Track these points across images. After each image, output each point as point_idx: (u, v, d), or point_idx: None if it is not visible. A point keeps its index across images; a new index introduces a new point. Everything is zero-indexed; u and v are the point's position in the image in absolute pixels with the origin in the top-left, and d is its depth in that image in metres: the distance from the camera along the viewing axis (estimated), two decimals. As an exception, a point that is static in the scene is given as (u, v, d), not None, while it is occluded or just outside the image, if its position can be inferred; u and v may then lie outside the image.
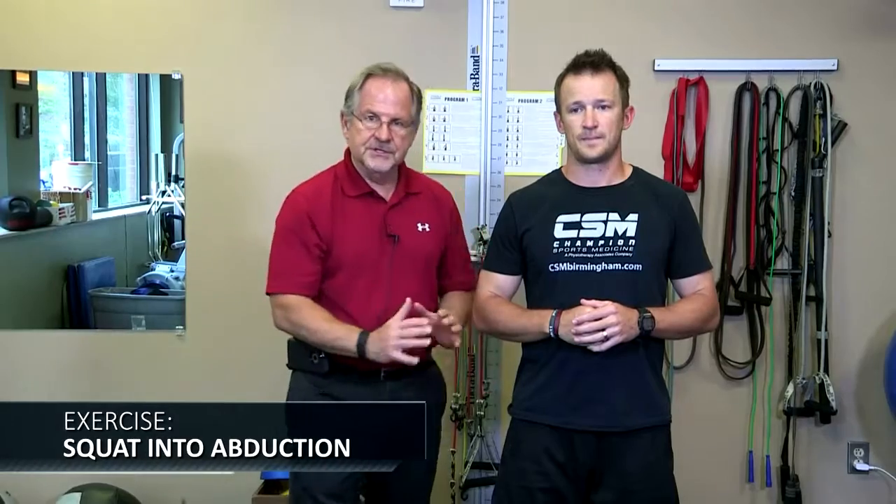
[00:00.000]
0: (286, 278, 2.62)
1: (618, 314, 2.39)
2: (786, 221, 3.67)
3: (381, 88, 2.63)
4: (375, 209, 2.67)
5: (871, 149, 3.65)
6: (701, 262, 2.61)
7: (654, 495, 2.54)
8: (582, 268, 2.49)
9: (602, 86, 2.46)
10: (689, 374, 3.71)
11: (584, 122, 2.46)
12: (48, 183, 4.24)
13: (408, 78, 2.70)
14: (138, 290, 3.96)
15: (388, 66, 2.68)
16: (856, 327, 3.71)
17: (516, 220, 2.59)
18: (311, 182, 2.76)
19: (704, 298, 2.57)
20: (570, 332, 2.42)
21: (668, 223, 2.53)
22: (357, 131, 2.65)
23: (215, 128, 3.70)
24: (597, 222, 2.50)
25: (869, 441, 3.74)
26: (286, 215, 2.70)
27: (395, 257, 2.63)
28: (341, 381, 2.62)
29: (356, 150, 2.67)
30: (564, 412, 2.51)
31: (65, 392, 3.74)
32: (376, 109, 2.62)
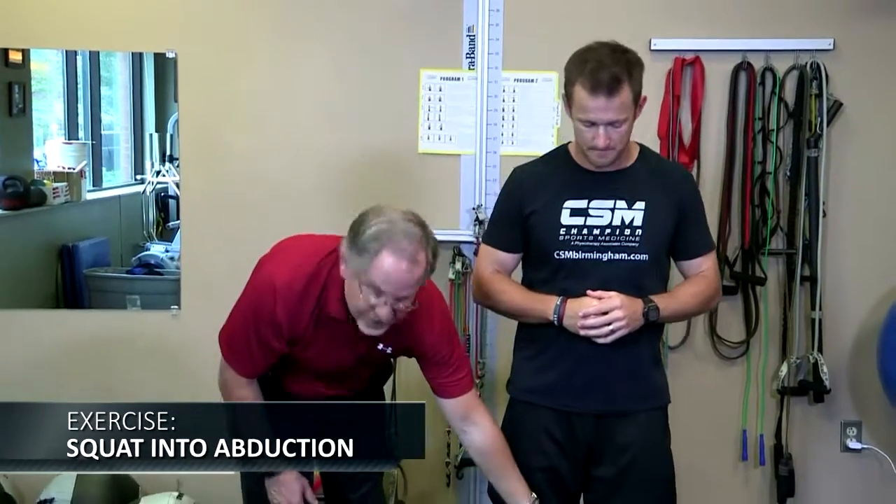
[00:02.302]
0: (236, 358, 2.45)
1: (623, 308, 2.38)
2: (781, 201, 3.66)
3: (396, 271, 2.19)
4: (348, 334, 2.38)
5: (866, 129, 3.64)
6: (704, 244, 2.58)
7: (652, 472, 2.54)
8: (588, 256, 2.46)
9: (617, 107, 2.34)
10: (683, 353, 3.71)
11: (596, 141, 2.37)
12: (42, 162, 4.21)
13: (428, 240, 2.24)
14: (133, 270, 3.94)
15: (409, 231, 2.20)
16: (850, 307, 3.71)
17: (522, 199, 2.53)
18: (296, 283, 2.33)
19: (707, 280, 2.56)
20: (576, 324, 2.41)
21: (674, 208, 2.49)
22: (355, 296, 2.25)
23: (210, 107, 3.67)
24: (604, 210, 2.46)
25: (862, 420, 3.75)
26: (255, 302, 2.37)
27: (354, 364, 2.50)
28: None
29: (350, 307, 2.30)
30: (565, 396, 2.50)
31: (59, 372, 3.73)
32: (383, 288, 2.20)
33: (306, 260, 2.36)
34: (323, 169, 3.64)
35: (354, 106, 3.65)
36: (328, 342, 2.40)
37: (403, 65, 3.64)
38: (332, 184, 3.62)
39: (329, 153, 3.65)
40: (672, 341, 3.69)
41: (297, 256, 2.38)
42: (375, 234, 2.19)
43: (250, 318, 2.37)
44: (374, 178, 3.61)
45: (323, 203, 3.55)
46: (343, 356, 2.44)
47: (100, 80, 4.33)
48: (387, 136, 3.65)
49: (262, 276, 2.38)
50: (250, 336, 2.38)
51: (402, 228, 2.20)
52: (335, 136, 3.65)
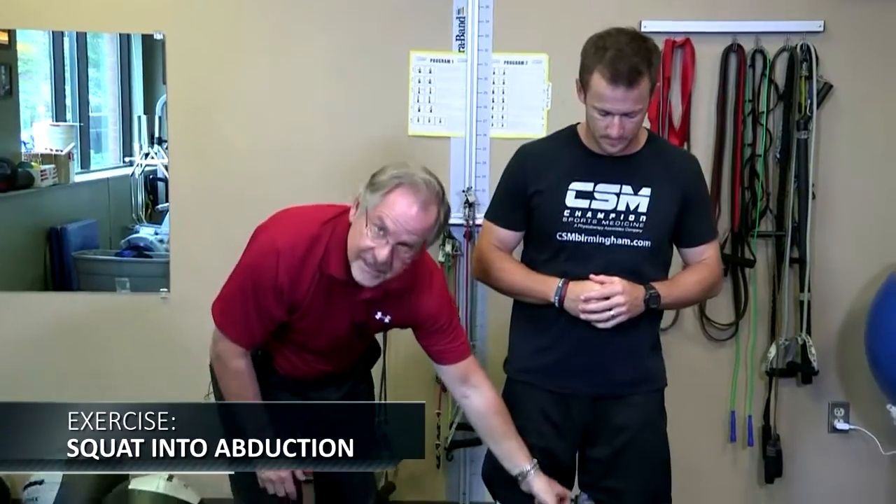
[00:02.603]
0: (232, 326, 2.40)
1: (625, 293, 2.37)
2: (770, 183, 3.66)
3: (408, 206, 2.19)
4: (347, 297, 2.36)
5: (856, 111, 3.63)
6: (708, 232, 2.57)
7: (647, 453, 2.55)
8: (591, 240, 2.45)
9: (635, 98, 2.31)
10: (673, 335, 3.71)
11: (610, 130, 2.34)
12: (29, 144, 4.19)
13: (442, 198, 2.26)
14: (122, 253, 3.93)
15: (427, 179, 2.23)
16: (838, 289, 3.72)
17: (527, 178, 2.50)
18: (300, 245, 2.32)
19: (709, 268, 2.55)
20: (577, 308, 2.40)
21: (679, 196, 2.47)
22: (359, 234, 2.24)
23: (199, 89, 3.65)
24: (609, 194, 2.45)
25: (849, 401, 3.76)
26: (257, 265, 2.35)
27: (349, 333, 2.48)
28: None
29: (350, 249, 2.27)
30: (563, 378, 2.50)
31: (48, 354, 3.73)
32: (389, 225, 2.19)
33: (308, 224, 2.35)
34: (312, 150, 3.63)
35: (344, 88, 3.63)
36: (327, 307, 2.38)
37: (393, 47, 3.62)
38: (322, 165, 3.60)
39: (318, 134, 3.63)
40: (662, 323, 3.62)
41: (299, 221, 2.38)
42: (395, 174, 2.22)
43: (249, 284, 2.35)
44: (364, 160, 3.58)
45: (312, 184, 3.54)
46: (340, 323, 2.42)
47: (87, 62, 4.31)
48: (377, 118, 3.63)
49: (262, 242, 2.36)
50: (248, 303, 2.35)
51: (422, 177, 2.22)
52: (325, 119, 3.64)
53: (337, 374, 2.59)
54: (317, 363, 2.52)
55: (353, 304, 2.37)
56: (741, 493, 3.82)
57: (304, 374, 2.54)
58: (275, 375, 2.55)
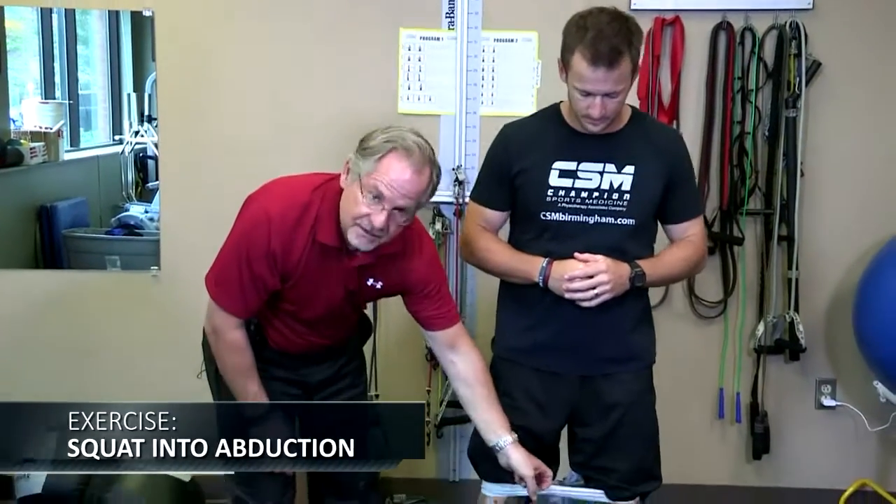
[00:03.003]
0: (227, 296, 2.40)
1: (609, 272, 2.37)
2: (759, 161, 3.65)
3: (402, 171, 2.21)
4: (340, 264, 2.38)
5: (844, 89, 3.63)
6: (692, 209, 2.56)
7: (637, 430, 2.56)
8: (574, 219, 2.44)
9: (616, 79, 2.30)
10: (662, 313, 3.71)
11: (591, 111, 2.34)
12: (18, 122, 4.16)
13: (434, 160, 2.28)
14: (112, 231, 3.92)
15: (419, 142, 2.24)
16: (826, 266, 3.72)
17: (510, 158, 2.50)
18: (291, 212, 2.33)
19: (694, 245, 2.54)
20: (561, 287, 2.40)
21: (664, 173, 2.46)
22: (354, 201, 2.25)
23: (189, 66, 3.63)
24: (593, 173, 2.44)
25: (836, 378, 3.78)
26: (249, 234, 2.35)
27: (342, 302, 2.48)
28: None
29: (344, 216, 2.29)
30: (549, 357, 2.51)
31: (38, 332, 3.73)
32: (384, 191, 2.21)
33: (298, 191, 2.35)
34: (302, 128, 3.62)
35: (333, 66, 3.61)
36: (320, 275, 2.38)
37: (382, 24, 3.60)
38: (312, 143, 3.59)
39: (308, 113, 3.62)
40: (651, 301, 3.68)
41: (289, 189, 2.38)
42: (386, 138, 2.23)
43: (243, 253, 2.34)
44: (354, 138, 3.54)
45: (302, 162, 3.50)
46: (332, 291, 2.42)
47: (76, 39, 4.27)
48: (366, 96, 3.62)
49: (253, 211, 2.36)
50: (243, 272, 2.35)
51: (414, 140, 2.24)
52: (314, 96, 3.62)
53: (329, 348, 2.59)
54: (310, 335, 2.52)
55: (346, 270, 2.38)
56: (729, 468, 3.84)
57: (297, 348, 2.55)
58: (268, 350, 2.55)
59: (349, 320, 2.60)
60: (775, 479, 3.83)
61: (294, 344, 2.54)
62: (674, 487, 3.53)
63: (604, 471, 2.55)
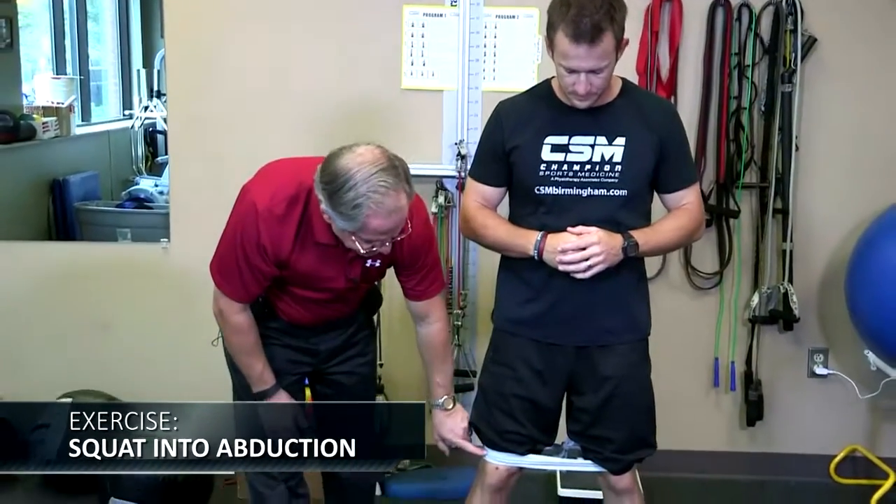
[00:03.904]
0: (229, 284, 2.42)
1: (601, 244, 2.35)
2: (755, 136, 3.65)
3: (385, 222, 2.19)
4: (339, 257, 2.40)
5: (839, 64, 3.61)
6: (686, 178, 2.52)
7: (632, 400, 2.55)
8: (567, 192, 2.43)
9: (599, 56, 2.28)
10: (659, 284, 3.72)
11: (577, 87, 2.32)
12: (31, 97, 4.16)
13: (398, 167, 2.20)
14: (123, 204, 3.93)
15: (386, 183, 2.15)
16: (820, 239, 3.72)
17: (504, 134, 2.49)
18: (277, 206, 2.32)
19: (689, 213, 2.51)
20: (555, 259, 2.39)
21: (655, 143, 2.44)
22: (350, 241, 2.27)
23: (197, 43, 3.62)
24: (584, 146, 2.42)
25: (829, 347, 3.79)
26: (241, 227, 2.35)
27: (347, 286, 2.49)
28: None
29: (346, 244, 2.31)
30: (546, 328, 2.50)
31: (51, 303, 3.75)
32: (374, 240, 2.24)
33: (286, 184, 2.34)
34: (308, 104, 3.61)
35: (338, 42, 3.60)
36: (318, 264, 2.40)
37: (387, 1, 3.59)
38: (317, 118, 3.58)
39: (314, 88, 3.61)
40: (648, 273, 3.64)
41: (278, 181, 2.38)
42: (354, 199, 2.15)
43: (238, 243, 2.37)
44: (359, 114, 3.59)
45: (308, 137, 3.52)
46: (335, 278, 2.44)
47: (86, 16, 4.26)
48: (371, 71, 3.61)
49: (244, 203, 2.37)
50: (240, 261, 2.37)
51: (378, 184, 2.14)
52: (319, 73, 3.61)
53: (338, 320, 2.61)
54: (317, 309, 2.54)
55: (347, 262, 2.41)
56: (724, 435, 3.86)
57: (305, 320, 2.57)
58: (276, 320, 2.57)
59: (356, 296, 2.61)
60: (768, 445, 3.85)
61: (303, 316, 2.56)
62: (670, 453, 3.56)
63: (599, 440, 2.56)
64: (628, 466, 2.59)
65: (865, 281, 3.40)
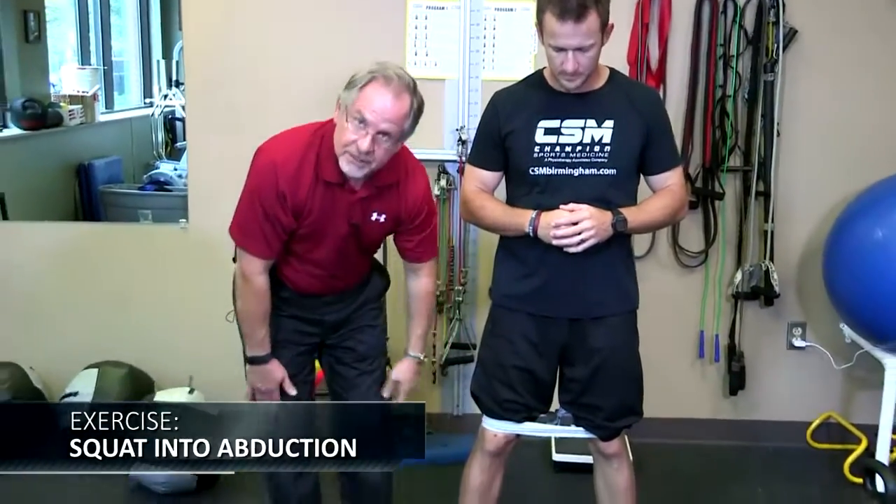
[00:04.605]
0: (251, 240, 2.40)
1: (592, 218, 2.35)
2: (739, 122, 3.63)
3: (381, 96, 2.24)
4: (343, 198, 2.38)
5: (818, 54, 3.59)
6: (671, 160, 2.52)
7: (621, 371, 2.55)
8: (560, 172, 2.43)
9: (586, 30, 2.28)
10: (648, 262, 3.71)
11: (565, 65, 2.32)
12: (57, 86, 4.14)
13: (414, 89, 2.29)
14: (144, 187, 3.92)
15: (399, 73, 2.28)
16: (799, 219, 3.71)
17: (500, 121, 2.49)
18: (293, 155, 2.36)
19: (673, 193, 2.51)
20: (549, 234, 2.38)
21: (642, 126, 2.44)
22: (343, 129, 2.29)
23: (212, 35, 3.61)
24: (575, 129, 2.42)
25: (806, 321, 3.78)
26: (260, 186, 2.36)
27: (348, 237, 2.46)
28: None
29: (336, 147, 2.32)
30: (542, 303, 2.49)
31: (77, 280, 3.75)
32: (367, 116, 2.23)
33: (299, 136, 2.39)
34: (317, 91, 3.57)
35: (347, 34, 3.57)
36: (327, 211, 2.39)
37: (392, -5, 3.56)
38: (326, 104, 3.50)
39: (323, 78, 3.57)
40: (638, 251, 3.68)
41: (290, 136, 2.42)
42: (369, 70, 2.27)
43: (257, 198, 2.36)
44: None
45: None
46: (339, 227, 2.42)
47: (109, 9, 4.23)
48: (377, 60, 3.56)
49: (261, 161, 2.38)
50: (259, 215, 2.36)
51: (394, 70, 2.28)
52: (329, 63, 3.57)
53: (343, 293, 2.57)
54: (323, 275, 2.50)
55: (350, 204, 2.39)
56: (708, 404, 3.85)
57: (312, 288, 2.53)
58: (285, 289, 2.54)
59: (359, 265, 2.58)
60: (750, 413, 3.84)
61: (310, 284, 2.52)
62: (658, 420, 3.58)
63: (589, 408, 2.55)
64: (616, 433, 2.59)
65: (841, 259, 3.38)
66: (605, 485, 2.66)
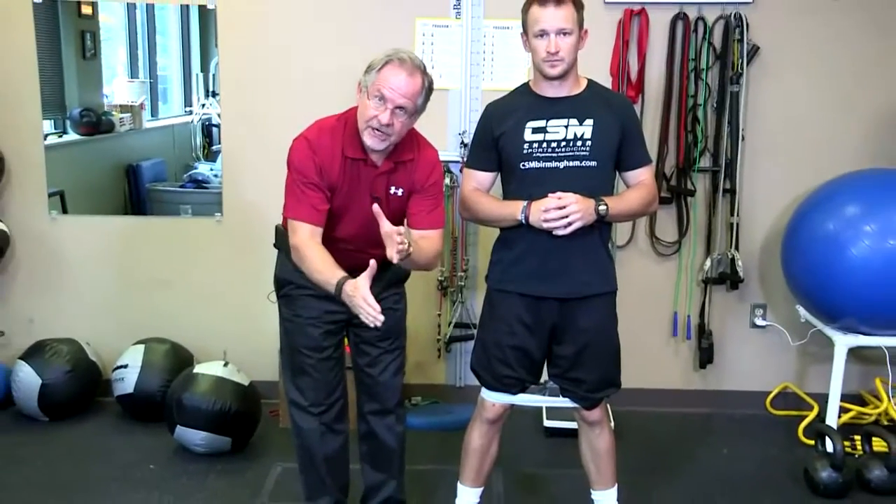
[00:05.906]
0: (299, 208, 2.36)
1: (578, 203, 2.35)
2: (708, 128, 3.61)
3: (397, 75, 2.28)
4: (366, 173, 2.39)
5: (778, 68, 3.58)
6: (643, 158, 2.54)
7: (604, 348, 2.55)
8: (547, 165, 2.42)
9: (564, 16, 2.34)
10: (629, 251, 3.69)
11: (548, 48, 2.35)
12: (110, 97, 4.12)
13: (425, 70, 2.34)
14: (185, 185, 3.90)
15: (411, 55, 2.32)
16: (761, 214, 3.70)
17: (493, 125, 2.50)
18: (323, 133, 2.39)
19: (647, 187, 2.52)
20: (539, 220, 2.37)
21: (618, 126, 2.45)
22: (364, 107, 2.33)
23: (245, 50, 3.62)
24: (559, 126, 2.42)
25: (767, 303, 3.76)
26: (299, 160, 2.37)
27: (369, 205, 2.35)
28: None
29: (360, 123, 2.35)
30: (533, 284, 2.48)
31: (126, 266, 3.77)
32: (386, 93, 2.27)
33: (327, 121, 2.44)
34: (336, 101, 3.51)
35: (361, 49, 3.51)
36: (353, 185, 2.39)
37: (402, 15, 3.57)
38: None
39: (341, 88, 3.53)
40: (620, 241, 3.68)
41: (319, 122, 2.45)
42: (384, 54, 2.32)
43: (298, 174, 2.37)
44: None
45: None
46: (363, 200, 2.39)
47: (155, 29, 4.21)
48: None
49: (297, 142, 2.40)
50: (302, 186, 2.36)
51: (407, 53, 2.33)
52: (346, 75, 3.52)
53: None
54: (350, 248, 2.43)
55: (373, 178, 2.40)
56: (680, 376, 3.84)
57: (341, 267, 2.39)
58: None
59: (382, 241, 2.48)
60: (717, 384, 3.84)
61: (338, 262, 2.36)
62: (636, 391, 3.57)
63: (575, 382, 2.55)
64: (597, 402, 2.58)
65: (798, 248, 3.36)
66: (588, 448, 2.66)
